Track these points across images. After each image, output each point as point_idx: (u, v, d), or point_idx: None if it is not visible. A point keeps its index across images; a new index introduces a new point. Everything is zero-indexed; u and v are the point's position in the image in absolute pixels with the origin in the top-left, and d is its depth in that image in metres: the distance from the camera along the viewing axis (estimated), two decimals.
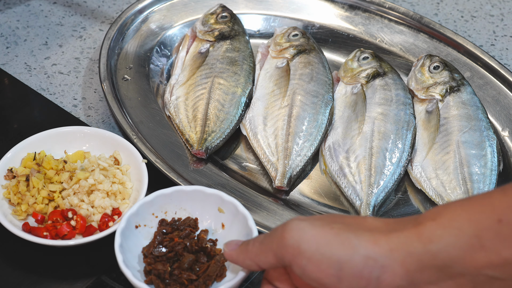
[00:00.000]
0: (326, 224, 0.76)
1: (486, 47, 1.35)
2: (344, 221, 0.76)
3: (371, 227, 0.75)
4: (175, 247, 0.90)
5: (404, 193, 1.09)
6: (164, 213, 0.95)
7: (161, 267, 0.88)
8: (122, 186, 0.99)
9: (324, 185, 1.09)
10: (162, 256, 0.90)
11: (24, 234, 0.93)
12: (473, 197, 0.73)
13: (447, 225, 0.72)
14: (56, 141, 1.05)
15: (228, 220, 0.95)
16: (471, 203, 0.73)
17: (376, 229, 0.74)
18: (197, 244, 0.91)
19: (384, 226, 0.75)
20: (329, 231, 0.75)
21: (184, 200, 0.95)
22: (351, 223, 0.76)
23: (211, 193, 0.95)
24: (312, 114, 1.12)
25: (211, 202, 0.95)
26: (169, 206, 0.95)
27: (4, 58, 1.24)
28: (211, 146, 1.08)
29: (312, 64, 1.19)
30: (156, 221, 0.94)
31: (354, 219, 0.78)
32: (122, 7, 1.36)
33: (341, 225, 0.75)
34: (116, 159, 1.03)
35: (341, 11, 1.32)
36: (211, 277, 0.89)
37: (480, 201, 0.72)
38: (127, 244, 0.90)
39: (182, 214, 0.96)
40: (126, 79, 1.17)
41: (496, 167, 1.09)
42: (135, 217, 0.92)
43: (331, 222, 0.76)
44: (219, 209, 0.95)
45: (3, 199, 0.98)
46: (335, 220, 0.77)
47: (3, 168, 1.00)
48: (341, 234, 0.74)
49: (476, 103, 1.16)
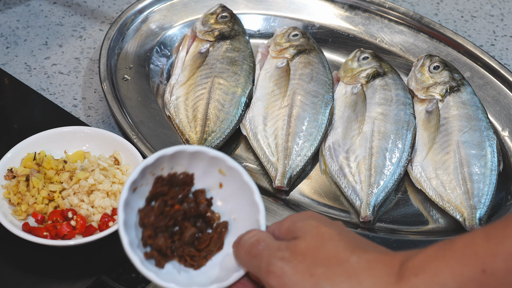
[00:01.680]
0: (307, 269, 0.75)
1: (486, 47, 1.35)
2: (330, 261, 0.75)
3: (353, 273, 0.74)
4: (174, 215, 0.85)
5: (404, 193, 1.09)
6: (160, 169, 0.88)
7: (162, 242, 0.85)
8: (122, 186, 0.99)
9: (324, 185, 1.09)
10: (162, 227, 0.87)
11: (24, 234, 0.93)
12: (456, 245, 0.72)
13: (430, 282, 0.71)
14: (56, 141, 1.05)
15: (228, 183, 0.89)
16: (455, 253, 0.71)
17: (357, 277, 0.73)
18: (196, 210, 0.87)
19: (365, 273, 0.74)
20: (308, 280, 0.75)
21: (185, 160, 0.89)
22: (335, 265, 0.75)
23: (214, 155, 0.87)
24: (312, 114, 1.12)
25: (213, 163, 0.88)
26: (167, 163, 0.88)
27: (4, 58, 1.24)
28: (211, 146, 1.08)
29: (312, 64, 1.19)
30: (152, 179, 0.88)
31: (340, 257, 0.76)
32: (122, 7, 1.36)
33: (323, 270, 0.74)
34: (116, 159, 1.03)
35: (341, 11, 1.32)
36: (212, 251, 0.86)
37: (463, 251, 0.71)
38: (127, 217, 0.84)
39: (178, 169, 0.89)
40: (126, 79, 1.17)
41: (496, 167, 1.09)
42: (135, 184, 0.86)
43: (314, 265, 0.75)
44: (220, 171, 0.90)
45: (3, 199, 0.98)
46: (318, 260, 0.75)
47: (3, 168, 1.00)
48: (319, 285, 0.74)
49: (476, 103, 1.16)
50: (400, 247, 0.99)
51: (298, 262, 0.76)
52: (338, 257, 0.76)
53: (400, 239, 1.02)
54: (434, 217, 1.06)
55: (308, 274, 0.75)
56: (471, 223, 1.02)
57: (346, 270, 0.74)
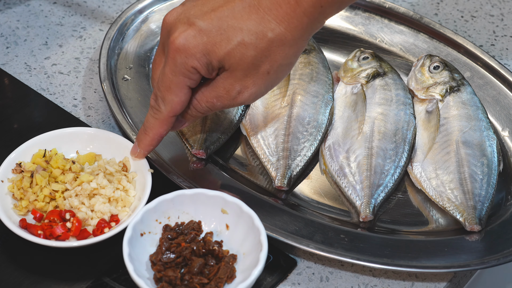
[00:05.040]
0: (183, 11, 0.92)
1: (486, 47, 1.35)
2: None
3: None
4: (183, 252, 0.90)
5: (404, 193, 1.09)
6: (167, 218, 0.95)
7: (171, 274, 0.88)
8: (125, 194, 0.99)
9: (324, 185, 1.09)
10: (171, 262, 0.90)
11: (17, 230, 0.93)
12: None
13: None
14: (72, 140, 1.04)
15: (232, 220, 0.95)
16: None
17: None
18: (204, 247, 0.91)
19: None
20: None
21: (187, 204, 0.95)
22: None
23: (213, 195, 0.94)
24: (312, 114, 1.12)
25: (214, 203, 0.95)
26: (172, 211, 0.95)
27: (4, 58, 1.24)
28: (211, 146, 1.08)
29: (312, 64, 1.19)
30: (160, 227, 0.94)
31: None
32: (122, 7, 1.36)
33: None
34: (124, 165, 1.03)
35: (341, 11, 1.32)
36: (222, 279, 0.89)
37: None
38: (134, 253, 0.90)
39: (185, 218, 0.95)
40: (126, 79, 1.17)
41: (496, 167, 1.09)
42: (140, 225, 0.92)
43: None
44: (223, 210, 0.95)
45: (8, 193, 0.98)
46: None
47: (13, 162, 1.00)
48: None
49: (476, 103, 1.16)
50: (400, 247, 0.99)
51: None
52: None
53: (400, 239, 1.02)
54: (434, 217, 1.06)
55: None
56: (471, 223, 1.02)
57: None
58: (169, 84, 0.91)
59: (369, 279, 0.99)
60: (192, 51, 0.88)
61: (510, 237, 1.02)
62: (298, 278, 0.98)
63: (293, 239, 0.97)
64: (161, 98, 0.92)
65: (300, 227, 0.99)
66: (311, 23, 0.89)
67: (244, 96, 0.92)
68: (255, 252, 0.90)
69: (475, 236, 1.02)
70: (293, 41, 0.89)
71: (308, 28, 0.89)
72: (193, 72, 0.90)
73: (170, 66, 0.90)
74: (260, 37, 0.87)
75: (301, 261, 1.00)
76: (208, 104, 0.94)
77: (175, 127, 0.98)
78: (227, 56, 0.88)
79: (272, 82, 0.93)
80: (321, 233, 0.99)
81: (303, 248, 0.96)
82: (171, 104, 0.92)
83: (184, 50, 0.88)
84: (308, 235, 0.99)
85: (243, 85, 0.91)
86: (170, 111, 0.93)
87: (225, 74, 0.91)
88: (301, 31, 0.89)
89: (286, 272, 0.98)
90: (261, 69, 0.90)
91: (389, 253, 0.98)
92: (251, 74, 0.90)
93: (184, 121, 0.98)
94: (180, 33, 0.88)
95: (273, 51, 0.89)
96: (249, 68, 0.89)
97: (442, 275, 1.00)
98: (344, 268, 1.00)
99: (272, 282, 0.96)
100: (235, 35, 0.87)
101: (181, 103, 0.93)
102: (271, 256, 0.98)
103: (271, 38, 0.88)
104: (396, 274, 0.99)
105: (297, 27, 0.88)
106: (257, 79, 0.91)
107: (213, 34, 0.88)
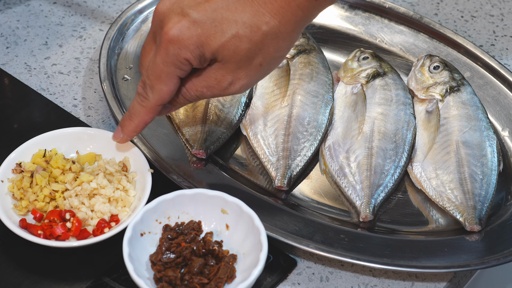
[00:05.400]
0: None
1: (486, 47, 1.35)
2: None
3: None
4: (183, 252, 0.90)
5: (404, 193, 1.09)
6: (167, 218, 0.95)
7: (171, 273, 0.88)
8: (125, 194, 0.99)
9: (324, 185, 1.09)
10: (171, 262, 0.90)
11: (17, 230, 0.93)
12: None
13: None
14: (72, 140, 1.04)
15: (232, 220, 0.95)
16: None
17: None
18: (204, 247, 0.91)
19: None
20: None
21: (186, 204, 0.95)
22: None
23: (213, 195, 0.95)
24: (312, 114, 1.12)
25: (214, 203, 0.95)
26: (172, 211, 0.95)
27: (4, 58, 1.24)
28: (211, 146, 1.08)
29: (312, 64, 1.19)
30: (160, 227, 0.94)
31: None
32: (122, 7, 1.36)
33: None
34: (124, 165, 1.03)
35: (341, 11, 1.32)
36: (222, 279, 0.89)
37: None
38: (134, 253, 0.90)
39: (185, 218, 0.96)
40: (126, 79, 1.17)
41: (496, 167, 1.09)
42: (140, 225, 0.92)
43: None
44: (223, 210, 0.95)
45: (8, 193, 0.98)
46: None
47: (13, 162, 1.00)
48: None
49: (476, 103, 1.16)
50: (400, 247, 0.99)
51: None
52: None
53: (400, 239, 1.02)
54: (434, 217, 1.06)
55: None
56: (471, 223, 1.02)
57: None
58: (159, 74, 0.91)
59: (369, 279, 0.99)
60: (186, 43, 0.88)
61: (510, 237, 1.02)
62: (298, 278, 0.98)
63: (293, 239, 0.97)
64: (150, 86, 0.92)
65: (300, 227, 0.99)
66: (305, 17, 0.89)
67: (236, 87, 0.92)
68: (255, 252, 0.90)
69: (475, 236, 1.02)
70: (287, 34, 0.89)
71: (301, 22, 0.89)
72: (185, 64, 0.89)
73: (162, 56, 0.89)
74: (254, 30, 0.87)
75: (301, 261, 1.00)
76: (197, 93, 0.93)
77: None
78: (220, 49, 0.88)
79: (263, 74, 0.93)
80: (321, 233, 0.99)
81: (303, 248, 0.96)
82: (159, 93, 0.92)
83: (178, 41, 0.88)
84: (308, 235, 0.99)
85: (236, 76, 0.91)
86: (158, 99, 0.93)
87: (217, 65, 0.90)
88: (295, 25, 0.89)
89: (286, 272, 0.98)
90: (254, 61, 0.90)
91: (389, 253, 0.98)
92: (244, 66, 0.90)
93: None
94: (174, 24, 0.88)
95: (266, 44, 0.89)
96: (242, 60, 0.89)
97: (442, 275, 1.00)
98: (344, 268, 1.00)
99: (272, 282, 0.96)
100: (229, 27, 0.87)
101: (170, 93, 0.92)
102: (271, 256, 0.98)
103: (265, 31, 0.88)
104: (396, 274, 0.99)
105: (291, 21, 0.88)
106: (249, 71, 0.91)
107: (207, 26, 0.87)
